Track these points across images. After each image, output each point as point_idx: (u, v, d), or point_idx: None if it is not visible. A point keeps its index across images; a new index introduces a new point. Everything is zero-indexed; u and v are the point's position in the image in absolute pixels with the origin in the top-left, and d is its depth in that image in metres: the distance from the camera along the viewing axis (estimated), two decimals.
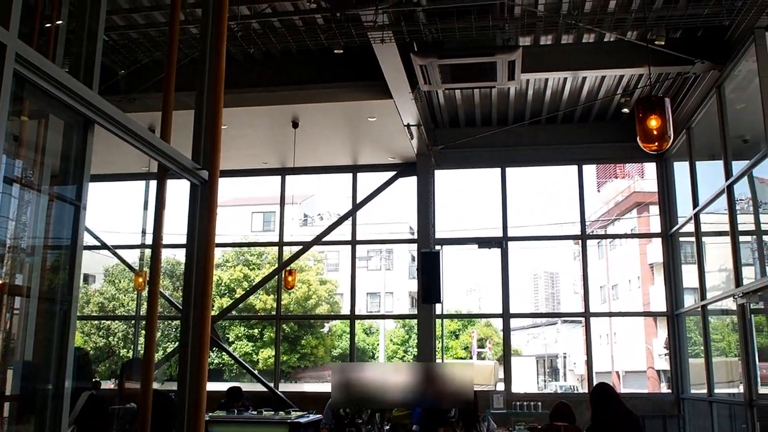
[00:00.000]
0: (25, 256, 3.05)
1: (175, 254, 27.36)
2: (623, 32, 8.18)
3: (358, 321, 30.87)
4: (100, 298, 27.38)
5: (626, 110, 10.43)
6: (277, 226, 12.84)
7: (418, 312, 11.25)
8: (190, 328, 2.96)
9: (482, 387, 17.46)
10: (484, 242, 11.74)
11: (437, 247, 11.17)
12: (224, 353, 26.56)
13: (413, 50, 7.84)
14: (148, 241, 12.76)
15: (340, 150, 11.51)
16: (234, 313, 20.39)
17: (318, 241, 12.61)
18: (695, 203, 9.74)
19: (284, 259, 12.37)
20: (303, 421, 9.23)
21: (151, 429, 2.87)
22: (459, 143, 10.95)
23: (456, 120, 11.19)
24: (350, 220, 12.09)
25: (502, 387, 11.20)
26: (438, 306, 11.02)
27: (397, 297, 37.13)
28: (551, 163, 11.98)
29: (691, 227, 9.97)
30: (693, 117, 9.66)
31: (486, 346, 35.67)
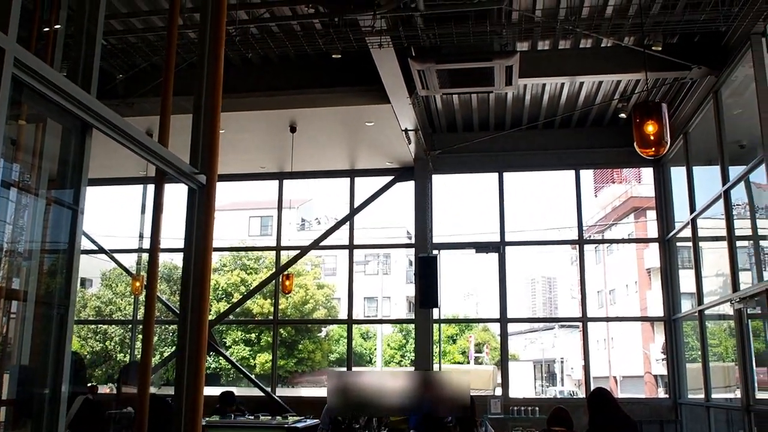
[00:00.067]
0: (23, 260, 3.05)
1: (173, 258, 27.31)
2: (620, 38, 8.21)
3: (356, 326, 30.81)
4: (97, 302, 27.33)
5: (623, 115, 10.45)
6: (275, 231, 12.83)
7: (416, 317, 11.24)
8: (188, 333, 2.96)
9: (481, 392, 17.45)
10: (482, 247, 11.74)
11: (435, 252, 11.17)
12: (221, 358, 26.54)
13: (411, 55, 7.86)
14: (146, 245, 12.75)
15: (338, 154, 11.52)
16: (231, 318, 20.36)
17: (315, 246, 12.60)
18: (692, 208, 9.75)
19: (281, 264, 12.36)
20: (300, 426, 9.21)
21: None
22: (456, 148, 10.97)
23: (453, 125, 11.21)
24: (348, 225, 12.08)
25: (500, 392, 11.19)
26: (435, 311, 11.02)
27: (395, 302, 37.11)
28: (548, 168, 11.99)
29: (688, 232, 9.99)
30: (690, 122, 9.68)
31: (483, 351, 35.66)
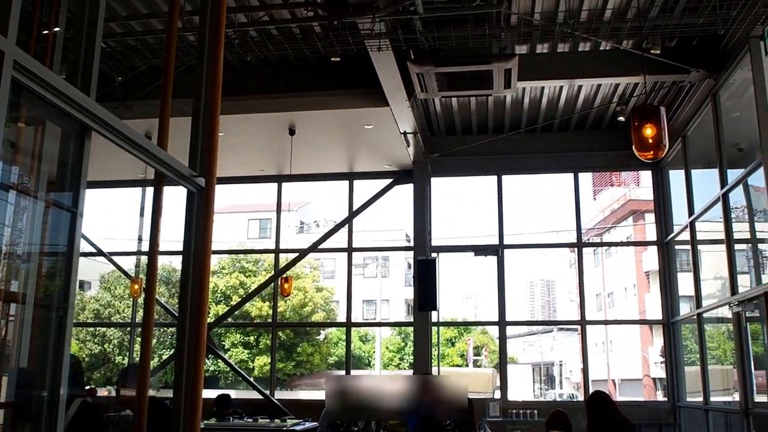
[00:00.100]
0: (21, 263, 3.05)
1: (171, 261, 27.31)
2: (619, 41, 8.22)
3: (354, 328, 30.79)
4: (96, 305, 27.31)
5: (622, 118, 10.46)
6: (274, 233, 12.83)
7: (414, 319, 11.24)
8: (186, 335, 2.95)
9: (480, 395, 17.45)
10: (481, 250, 11.75)
11: (433, 255, 11.17)
12: (220, 360, 26.53)
13: (410, 58, 7.86)
14: (144, 248, 12.74)
15: (337, 157, 11.52)
16: (230, 321, 20.35)
17: (314, 249, 12.61)
18: (691, 211, 9.76)
19: (280, 267, 12.36)
20: (299, 429, 9.20)
21: None
22: (455, 151, 10.97)
23: (452, 128, 11.21)
24: (347, 228, 12.08)
25: (499, 395, 11.19)
26: (434, 313, 11.02)
27: (393, 304, 37.10)
28: (547, 171, 12.00)
29: (687, 235, 9.99)
30: (688, 125, 9.69)
31: (482, 354, 35.64)
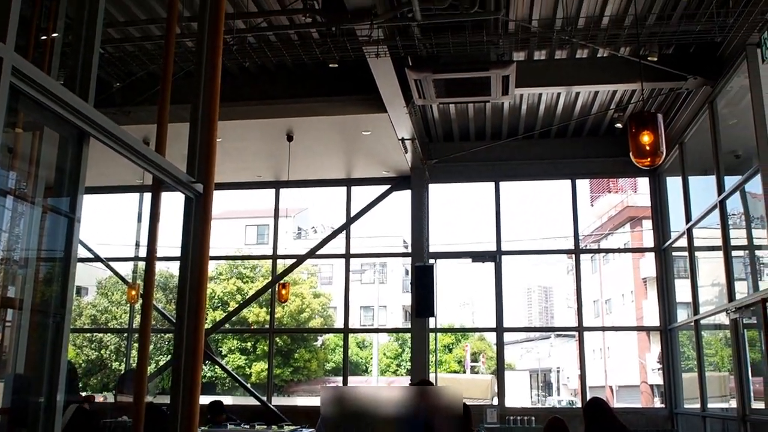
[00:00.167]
0: (19, 268, 3.04)
1: (169, 267, 27.28)
2: (616, 48, 8.24)
3: (352, 335, 30.76)
4: (93, 311, 27.25)
5: (619, 125, 10.48)
6: (271, 239, 12.82)
7: (412, 326, 11.23)
8: (184, 341, 2.95)
9: (479, 401, 17.43)
10: (478, 256, 11.75)
11: (431, 261, 11.16)
12: (217, 366, 26.46)
13: (408, 65, 7.88)
14: (142, 254, 12.72)
15: (335, 163, 11.53)
16: (227, 327, 20.31)
17: (312, 255, 12.60)
18: (688, 218, 9.77)
19: (278, 273, 12.35)
20: None
21: None
22: (453, 157, 10.99)
23: (450, 134, 11.23)
24: (344, 234, 12.08)
25: (496, 401, 11.17)
26: (432, 320, 11.00)
27: (391, 311, 37.08)
28: (545, 178, 12.01)
29: (684, 242, 10.00)
30: (686, 132, 9.72)
31: (479, 360, 35.61)
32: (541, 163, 11.41)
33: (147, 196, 11.04)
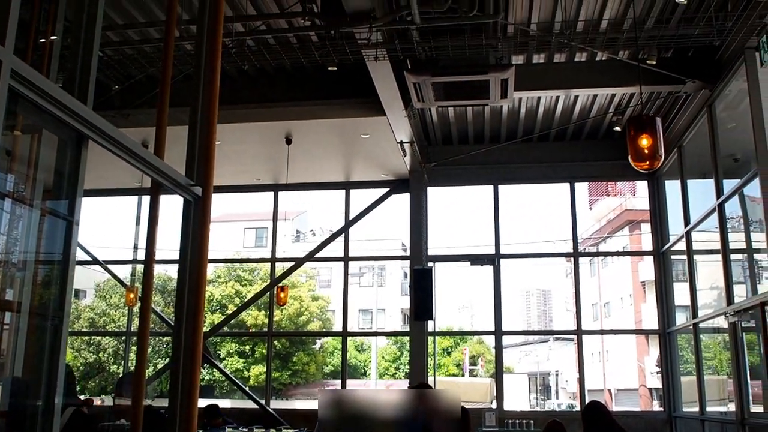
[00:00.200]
0: (17, 271, 3.04)
1: (167, 270, 27.27)
2: (615, 51, 8.25)
3: (350, 338, 30.75)
4: (91, 314, 27.20)
5: (618, 128, 10.48)
6: (270, 242, 12.82)
7: (411, 329, 11.23)
8: (182, 344, 2.94)
9: (478, 404, 17.41)
10: (477, 259, 11.75)
11: (430, 264, 11.16)
12: (215, 369, 26.43)
13: (407, 68, 7.88)
14: (140, 257, 12.71)
15: (333, 166, 11.53)
16: (225, 330, 20.29)
17: (310, 258, 12.59)
18: (687, 221, 9.78)
19: (276, 275, 12.34)
20: None
21: None
22: (452, 160, 10.99)
23: (449, 137, 11.23)
24: (343, 237, 12.08)
25: (495, 405, 11.16)
26: (430, 323, 11.00)
27: (390, 314, 37.06)
28: (543, 181, 12.02)
29: (683, 245, 10.01)
30: (684, 136, 9.73)
31: (478, 364, 35.59)
32: (540, 167, 11.42)
33: (146, 199, 11.05)
